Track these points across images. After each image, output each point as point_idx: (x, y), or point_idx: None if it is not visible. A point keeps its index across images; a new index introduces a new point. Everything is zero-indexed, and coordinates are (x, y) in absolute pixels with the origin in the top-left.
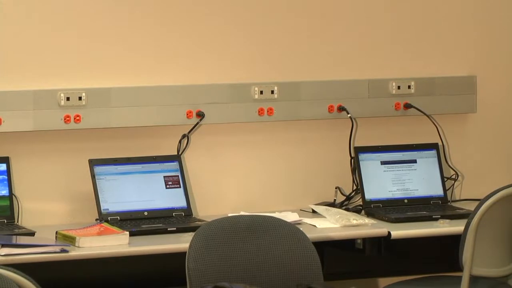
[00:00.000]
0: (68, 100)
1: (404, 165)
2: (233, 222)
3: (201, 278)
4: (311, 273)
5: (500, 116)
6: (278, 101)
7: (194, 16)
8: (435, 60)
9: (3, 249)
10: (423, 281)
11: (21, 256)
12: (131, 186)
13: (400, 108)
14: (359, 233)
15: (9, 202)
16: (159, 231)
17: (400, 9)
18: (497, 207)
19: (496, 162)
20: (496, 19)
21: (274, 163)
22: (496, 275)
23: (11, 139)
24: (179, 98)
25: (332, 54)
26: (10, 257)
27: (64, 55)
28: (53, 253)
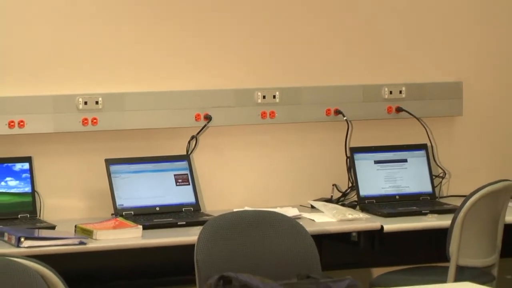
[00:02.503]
0: (86, 104)
1: (395, 164)
2: (238, 217)
3: (208, 269)
4: (310, 263)
5: (485, 119)
6: (280, 105)
7: (203, 28)
8: (424, 67)
9: (26, 241)
10: (413, 271)
11: (43, 248)
12: (144, 183)
13: (392, 112)
14: (354, 227)
15: (32, 198)
16: (169, 225)
17: (392, 20)
18: (481, 202)
19: (480, 161)
20: (481, 29)
21: (275, 162)
22: (480, 265)
23: (33, 140)
24: (188, 102)
25: (329, 61)
26: (32, 249)
27: (82, 63)
28: (72, 245)
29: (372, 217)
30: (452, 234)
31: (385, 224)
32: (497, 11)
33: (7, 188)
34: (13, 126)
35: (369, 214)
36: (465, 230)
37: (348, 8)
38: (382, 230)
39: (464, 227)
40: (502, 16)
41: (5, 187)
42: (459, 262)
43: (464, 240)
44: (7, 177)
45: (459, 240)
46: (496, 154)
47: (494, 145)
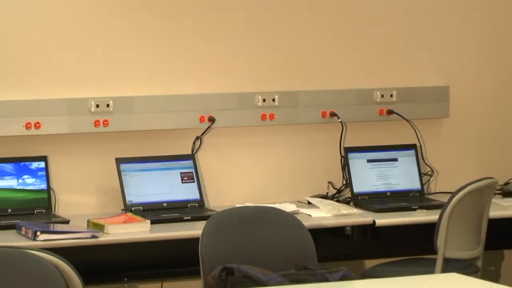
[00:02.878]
0: (98, 107)
1: (387, 163)
2: (240, 212)
3: (212, 261)
4: (307, 256)
5: (470, 121)
6: (279, 108)
7: (207, 36)
8: (413, 72)
9: (42, 235)
10: (403, 263)
11: (57, 241)
12: (151, 181)
13: (384, 114)
14: (348, 222)
15: (47, 195)
16: (176, 219)
17: (384, 29)
18: (466, 199)
19: (466, 160)
20: (466, 36)
21: (275, 161)
22: (466, 257)
23: (49, 140)
24: (193, 105)
25: (324, 67)
26: (48, 242)
27: (94, 69)
28: (85, 239)
29: (365, 212)
30: (439, 228)
31: (377, 219)
32: (481, 20)
33: (24, 185)
34: (29, 128)
35: (362, 210)
36: (452, 224)
37: (342, 18)
38: (374, 224)
39: (451, 221)
40: (486, 24)
41: (22, 185)
42: (446, 255)
43: (450, 234)
44: (24, 175)
45: (446, 234)
46: (481, 153)
47: (479, 145)
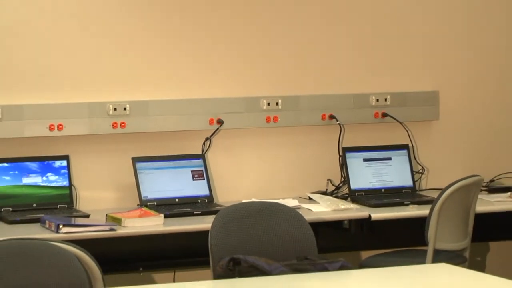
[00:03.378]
0: (115, 110)
1: (381, 162)
2: (246, 207)
3: (220, 252)
4: (307, 247)
5: (458, 123)
6: (282, 111)
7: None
8: (406, 78)
9: (64, 228)
10: (396, 254)
11: (78, 233)
12: (165, 178)
13: (379, 117)
14: (345, 216)
15: (69, 191)
16: (187, 214)
17: (378, 39)
18: (455, 195)
19: (454, 159)
20: (454, 46)
21: (278, 160)
22: (454, 248)
23: (70, 141)
24: (203, 109)
25: (324, 74)
26: (69, 234)
27: (112, 75)
28: (104, 231)
29: (361, 207)
30: (430, 222)
31: (372, 213)
32: (468, 29)
33: (48, 182)
34: (53, 129)
35: (359, 205)
36: (441, 218)
37: (341, 29)
38: (370, 218)
39: (440, 216)
40: (473, 34)
41: (46, 182)
42: (436, 246)
43: (440, 227)
44: (48, 173)
45: (436, 227)
46: (468, 153)
47: (466, 146)
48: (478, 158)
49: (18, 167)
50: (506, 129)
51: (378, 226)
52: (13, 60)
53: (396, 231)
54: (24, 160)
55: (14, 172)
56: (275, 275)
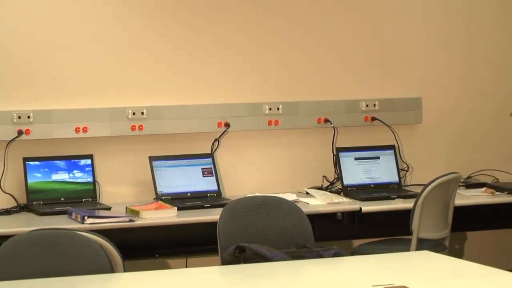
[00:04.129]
0: (134, 114)
1: (371, 160)
2: (250, 200)
3: (227, 240)
4: (305, 236)
5: (439, 126)
6: (282, 115)
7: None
8: (393, 86)
9: (89, 219)
10: (384, 242)
11: (101, 224)
12: (178, 175)
13: (368, 120)
14: (339, 208)
15: (93, 186)
16: (198, 207)
17: (367, 50)
18: (436, 190)
19: (435, 158)
20: (436, 58)
21: (279, 159)
22: (436, 237)
23: (94, 142)
24: (212, 113)
25: (320, 82)
26: (93, 225)
27: (131, 83)
28: (124, 222)
29: (353, 201)
30: (414, 214)
31: (363, 206)
32: (449, 42)
33: (74, 179)
34: (78, 131)
35: (351, 199)
36: (424, 210)
37: (335, 44)
38: (361, 211)
39: (423, 208)
40: (453, 48)
41: (72, 178)
42: (419, 235)
43: (423, 219)
44: (74, 170)
45: (419, 218)
46: (448, 152)
47: (446, 146)
48: (456, 157)
49: (48, 165)
50: (482, 132)
51: (368, 217)
52: (44, 70)
53: (384, 222)
54: (53, 159)
55: (44, 170)
56: (276, 261)
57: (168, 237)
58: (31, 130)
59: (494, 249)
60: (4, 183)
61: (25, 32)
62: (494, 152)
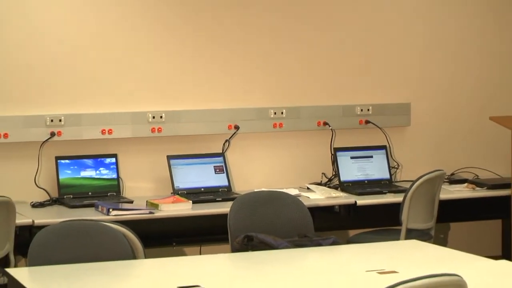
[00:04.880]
0: (154, 118)
1: (365, 159)
2: (257, 195)
3: (237, 230)
4: (306, 227)
5: (425, 128)
6: (286, 119)
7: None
8: (384, 92)
9: (113, 211)
10: (377, 232)
11: (125, 216)
12: (193, 172)
13: (362, 123)
14: (336, 202)
15: (117, 182)
16: (210, 200)
17: (362, 62)
18: (423, 185)
19: (422, 157)
20: (423, 68)
21: (283, 158)
22: (423, 228)
23: (118, 142)
24: (223, 117)
25: (319, 89)
26: (117, 216)
27: (151, 90)
28: (144, 214)
29: (349, 195)
30: (403, 207)
31: (357, 200)
32: (435, 54)
33: (100, 175)
34: (104, 133)
35: (347, 193)
36: (412, 204)
37: (334, 55)
38: (356, 204)
39: (412, 202)
40: (439, 58)
41: (99, 174)
42: (408, 226)
43: (411, 211)
44: (100, 168)
45: (408, 211)
46: (433, 152)
47: (432, 146)
48: (441, 156)
49: (77, 163)
50: (464, 134)
51: (362, 210)
52: (74, 79)
53: (376, 214)
54: (82, 158)
55: (74, 167)
56: (280, 249)
57: (184, 227)
58: (62, 132)
59: (474, 238)
60: (38, 179)
61: (58, 46)
62: (474, 152)
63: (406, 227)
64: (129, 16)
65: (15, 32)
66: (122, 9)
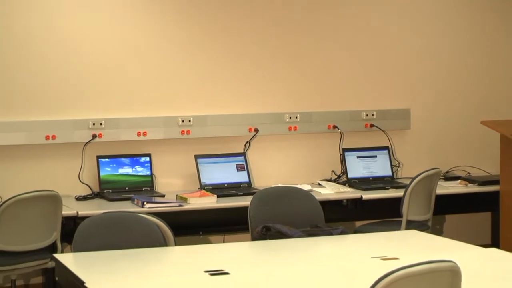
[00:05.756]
0: (183, 122)
1: (370, 158)
2: (274, 190)
3: (256, 221)
4: (317, 218)
5: (424, 131)
6: (300, 123)
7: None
8: (387, 99)
9: (148, 204)
10: (380, 223)
11: (157, 208)
12: (217, 169)
13: (368, 127)
14: (344, 196)
15: (151, 178)
16: (233, 195)
17: (367, 72)
18: (421, 182)
19: (421, 157)
20: (421, 77)
21: (297, 157)
22: (421, 219)
23: (152, 143)
24: (244, 121)
25: (329, 97)
26: (151, 208)
27: (181, 98)
28: (175, 206)
29: (356, 191)
30: (404, 200)
31: (363, 195)
32: (431, 64)
33: (136, 172)
34: (139, 135)
35: (354, 189)
36: (412, 198)
37: (343, 66)
38: (362, 198)
39: (411, 196)
40: (435, 69)
41: (135, 172)
42: (408, 218)
43: (411, 204)
44: (136, 165)
45: (408, 204)
46: (431, 152)
47: (429, 147)
48: (437, 156)
49: (116, 161)
50: (457, 136)
51: (367, 203)
52: (112, 87)
53: (380, 207)
54: (120, 157)
55: (113, 165)
56: (295, 238)
57: (209, 218)
58: (103, 134)
59: (466, 229)
60: (82, 175)
61: (100, 60)
62: (467, 152)
63: (406, 219)
64: (164, 32)
65: (62, 48)
66: (157, 25)
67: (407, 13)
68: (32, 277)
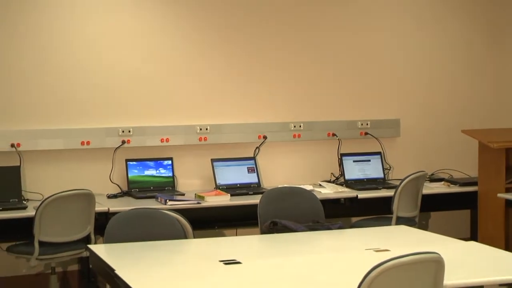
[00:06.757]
0: (200, 130)
1: (364, 162)
2: (281, 190)
3: (265, 218)
4: (318, 215)
5: (411, 139)
6: (303, 131)
7: (262, 92)
8: (379, 110)
9: (169, 201)
10: (373, 219)
11: (178, 205)
12: (231, 171)
13: (363, 134)
14: (342, 195)
15: (172, 179)
16: (244, 194)
17: (362, 86)
18: (409, 183)
19: (409, 161)
20: (411, 90)
21: (300, 161)
22: (409, 216)
23: (173, 149)
24: (254, 129)
25: (329, 108)
26: (173, 205)
27: (199, 108)
28: (193, 204)
29: (352, 190)
30: (394, 199)
31: (359, 194)
32: (418, 79)
33: (159, 174)
34: (163, 141)
35: (350, 189)
36: (401, 197)
37: (341, 80)
38: (357, 197)
39: (401, 195)
40: (422, 84)
41: (158, 173)
42: (398, 214)
43: (400, 202)
44: (159, 168)
45: (398, 202)
46: (417, 157)
47: (416, 152)
48: (424, 160)
49: (142, 164)
50: (441, 142)
51: (362, 202)
52: (139, 100)
53: (373, 205)
54: (146, 160)
55: (139, 167)
56: (299, 232)
57: (223, 214)
58: (131, 140)
59: (449, 224)
60: (112, 176)
61: (128, 74)
62: (449, 157)
63: (396, 215)
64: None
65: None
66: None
67: (395, 32)
68: (69, 265)
